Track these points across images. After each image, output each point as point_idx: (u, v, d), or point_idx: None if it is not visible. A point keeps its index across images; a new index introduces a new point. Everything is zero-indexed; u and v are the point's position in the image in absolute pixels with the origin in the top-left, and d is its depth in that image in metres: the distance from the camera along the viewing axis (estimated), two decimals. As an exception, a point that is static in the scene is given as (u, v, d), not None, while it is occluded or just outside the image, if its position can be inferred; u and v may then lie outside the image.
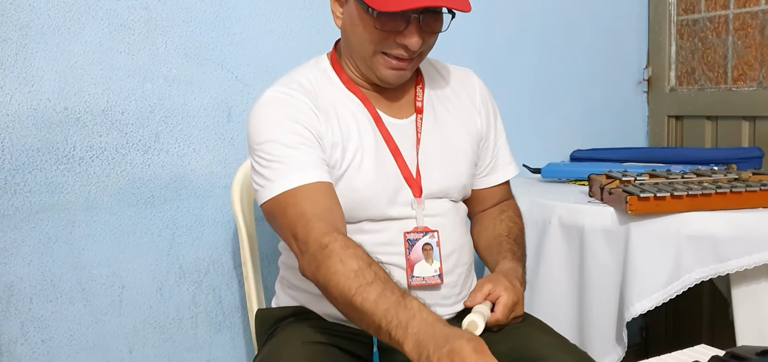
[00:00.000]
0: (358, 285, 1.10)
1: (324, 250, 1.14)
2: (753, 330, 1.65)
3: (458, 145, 1.40)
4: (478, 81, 1.48)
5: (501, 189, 1.52)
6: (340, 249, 1.13)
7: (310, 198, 1.21)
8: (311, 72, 1.35)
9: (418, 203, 1.33)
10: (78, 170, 1.62)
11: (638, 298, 1.65)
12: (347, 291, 1.10)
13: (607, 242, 1.71)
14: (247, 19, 1.80)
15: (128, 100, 1.67)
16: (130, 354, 1.72)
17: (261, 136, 1.26)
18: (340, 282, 1.11)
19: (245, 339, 1.87)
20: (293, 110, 1.27)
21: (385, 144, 1.32)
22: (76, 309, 1.64)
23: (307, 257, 1.17)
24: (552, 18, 2.38)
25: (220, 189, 1.80)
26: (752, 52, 2.32)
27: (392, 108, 1.36)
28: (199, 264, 1.79)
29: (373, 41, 1.26)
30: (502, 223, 1.47)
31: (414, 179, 1.33)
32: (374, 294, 1.09)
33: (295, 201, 1.20)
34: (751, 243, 1.57)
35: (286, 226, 1.21)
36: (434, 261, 1.33)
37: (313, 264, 1.15)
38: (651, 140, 2.62)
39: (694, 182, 1.70)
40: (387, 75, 1.29)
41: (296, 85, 1.31)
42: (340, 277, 1.11)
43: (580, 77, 2.46)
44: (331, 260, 1.13)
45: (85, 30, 1.60)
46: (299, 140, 1.24)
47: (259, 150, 1.26)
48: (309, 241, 1.16)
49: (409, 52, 1.26)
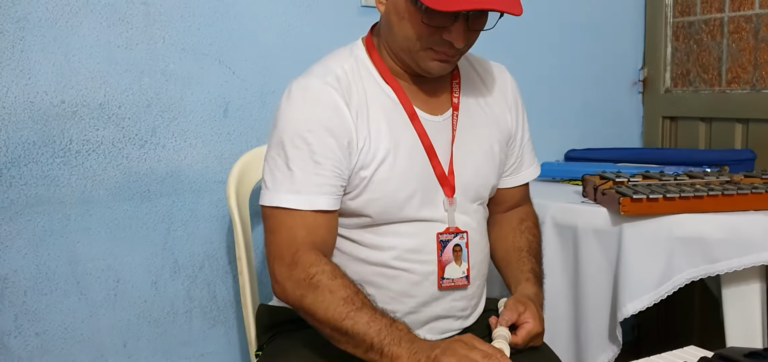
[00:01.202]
0: (347, 311, 1.15)
1: (311, 281, 1.17)
2: (742, 330, 1.66)
3: (490, 144, 1.38)
4: (511, 78, 1.46)
5: (521, 190, 1.51)
6: (328, 280, 1.17)
7: (306, 226, 1.21)
8: (347, 61, 1.30)
9: (451, 203, 1.31)
10: (74, 164, 1.62)
11: (631, 299, 1.66)
12: (337, 317, 1.15)
13: (600, 242, 1.73)
14: (245, 15, 1.81)
15: (125, 94, 1.67)
16: (124, 348, 1.72)
17: (285, 132, 1.23)
18: (328, 310, 1.16)
19: (239, 334, 1.88)
20: (325, 113, 1.23)
21: (419, 141, 1.29)
22: (70, 303, 1.65)
23: (291, 283, 1.20)
24: (549, 18, 2.39)
25: (216, 185, 1.80)
26: (746, 55, 2.34)
27: (429, 104, 1.33)
28: (194, 258, 1.80)
29: (420, 37, 1.22)
30: (523, 236, 1.45)
31: (446, 178, 1.31)
32: (366, 317, 1.14)
33: (291, 223, 1.21)
34: (741, 245, 1.58)
35: (274, 243, 1.23)
36: (463, 262, 1.32)
37: (298, 291, 1.19)
38: (645, 140, 2.64)
39: (686, 184, 1.71)
40: (431, 66, 1.26)
41: (333, 77, 1.26)
42: (329, 305, 1.16)
43: (576, 77, 2.47)
44: (319, 291, 1.17)
45: (82, 24, 1.60)
46: (321, 153, 1.22)
47: (276, 146, 1.24)
48: (296, 269, 1.19)
49: (454, 50, 1.24)
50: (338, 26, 1.95)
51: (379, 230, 1.28)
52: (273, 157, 1.25)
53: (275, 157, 1.24)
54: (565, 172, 2.18)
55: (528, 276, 1.39)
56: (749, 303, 1.66)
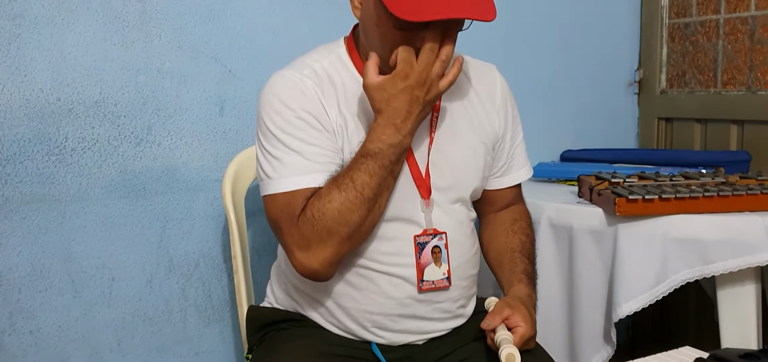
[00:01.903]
0: (344, 179, 1.19)
1: (305, 213, 1.19)
2: (737, 331, 1.67)
3: (472, 146, 1.37)
4: (500, 79, 1.44)
5: (513, 191, 1.49)
6: (315, 200, 1.19)
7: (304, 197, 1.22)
8: (325, 58, 1.32)
9: (427, 205, 1.31)
10: (69, 161, 1.62)
11: (626, 299, 1.66)
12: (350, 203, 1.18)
13: (596, 242, 1.73)
14: (241, 13, 1.81)
15: (121, 92, 1.67)
16: (118, 346, 1.72)
17: (269, 123, 1.25)
18: (338, 207, 1.18)
19: (234, 332, 1.88)
20: (305, 100, 1.26)
21: None
22: (65, 301, 1.64)
23: (297, 236, 1.20)
24: (545, 19, 2.39)
25: (212, 183, 1.80)
26: (742, 57, 2.34)
27: None
28: (189, 257, 1.80)
29: (395, 44, 1.21)
30: (515, 236, 1.44)
31: (422, 179, 1.30)
32: (364, 172, 1.19)
33: (289, 201, 1.22)
34: (736, 246, 1.59)
35: (274, 225, 1.25)
36: (443, 263, 1.31)
37: (306, 230, 1.19)
38: (641, 141, 2.64)
39: (682, 185, 1.72)
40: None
41: (309, 71, 1.29)
42: (335, 203, 1.18)
43: (572, 78, 2.48)
44: (317, 205, 1.18)
45: (78, 21, 1.60)
46: (304, 135, 1.24)
47: (264, 138, 1.26)
48: (297, 223, 1.20)
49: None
50: (333, 25, 1.94)
51: None
52: (261, 148, 1.27)
53: (262, 150, 1.26)
54: (560, 172, 2.18)
55: (520, 277, 1.37)
56: (744, 304, 1.66)
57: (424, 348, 1.35)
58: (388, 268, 1.28)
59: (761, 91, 2.28)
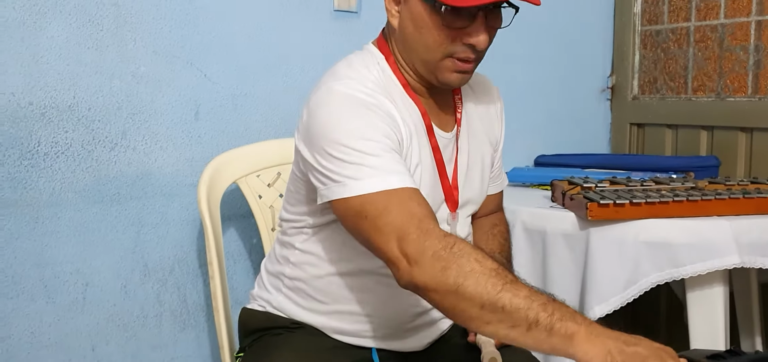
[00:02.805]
0: (503, 283, 1.00)
1: (452, 248, 1.03)
2: (706, 332, 1.70)
3: (484, 157, 1.40)
4: (496, 89, 1.48)
5: (498, 197, 1.54)
6: (471, 249, 1.03)
7: (415, 199, 1.09)
8: (373, 70, 1.25)
9: (453, 218, 1.32)
10: (43, 166, 1.61)
11: (598, 302, 1.69)
12: (492, 290, 0.99)
13: (569, 246, 1.76)
14: (217, 18, 1.81)
15: (95, 96, 1.66)
16: (92, 352, 1.70)
17: (344, 131, 1.13)
18: (480, 281, 1.00)
19: (210, 337, 1.87)
20: (377, 108, 1.17)
21: (433, 156, 1.28)
22: (37, 307, 1.63)
23: (428, 257, 1.03)
24: (519, 26, 2.40)
25: (187, 188, 1.79)
26: (711, 64, 2.39)
27: (441, 120, 1.31)
28: (164, 262, 1.79)
29: (442, 44, 1.18)
30: (495, 239, 1.48)
31: (451, 194, 1.32)
32: (524, 289, 1.00)
33: (400, 200, 1.08)
34: (705, 250, 1.62)
35: (389, 227, 1.07)
36: None
37: (438, 264, 1.02)
38: (614, 146, 2.68)
39: (652, 190, 1.75)
40: (452, 78, 1.22)
41: (372, 84, 1.21)
42: (480, 276, 1.00)
43: (546, 84, 2.51)
44: (465, 258, 1.02)
45: (51, 24, 1.59)
46: (390, 145, 1.14)
47: (339, 146, 1.13)
48: (428, 241, 1.04)
49: (475, 52, 1.20)
50: (311, 30, 1.95)
51: None
52: (334, 156, 1.13)
53: (338, 155, 1.13)
54: (534, 177, 2.21)
55: None
56: (712, 307, 1.69)
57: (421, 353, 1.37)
58: None
59: (730, 97, 2.33)
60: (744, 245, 1.62)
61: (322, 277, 1.30)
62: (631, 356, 0.92)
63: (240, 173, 1.72)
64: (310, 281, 1.32)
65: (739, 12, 2.30)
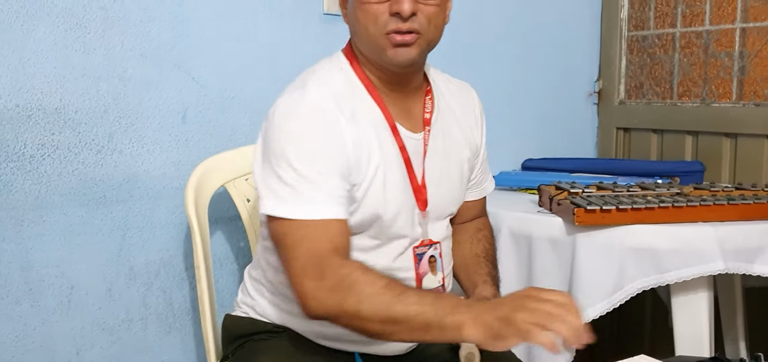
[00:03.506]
0: (393, 295, 1.08)
1: (344, 281, 1.12)
2: (690, 338, 1.71)
3: (460, 160, 1.41)
4: (476, 95, 1.50)
5: (481, 202, 1.55)
6: (362, 274, 1.12)
7: (327, 235, 1.16)
8: (337, 76, 1.29)
9: (424, 217, 1.34)
10: (28, 168, 1.60)
11: (583, 307, 1.70)
12: (385, 305, 1.08)
13: (555, 251, 1.76)
14: (205, 21, 1.80)
15: (82, 98, 1.65)
16: (77, 356, 1.69)
17: (289, 147, 1.19)
18: (373, 301, 1.09)
19: (196, 341, 1.86)
20: (327, 125, 1.21)
21: (401, 156, 1.30)
22: (22, 310, 1.61)
23: (325, 292, 1.12)
24: (507, 31, 2.43)
25: (173, 191, 1.79)
26: (697, 70, 2.41)
27: (408, 120, 1.33)
28: (149, 265, 1.78)
29: (375, 22, 1.21)
30: (479, 243, 1.49)
31: (421, 192, 1.33)
32: (413, 296, 1.08)
33: (311, 236, 1.16)
34: (690, 255, 1.63)
35: (297, 259, 1.16)
36: (438, 271, 1.36)
37: (336, 297, 1.11)
38: (600, 151, 2.70)
39: (638, 195, 1.76)
40: (394, 55, 1.24)
41: (331, 91, 1.25)
42: (373, 297, 1.09)
43: (533, 88, 2.52)
44: (357, 286, 1.10)
45: (38, 27, 1.58)
46: (330, 166, 1.19)
47: (282, 162, 1.19)
48: (325, 277, 1.13)
49: (405, 22, 1.20)
50: (300, 33, 1.95)
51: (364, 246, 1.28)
52: (276, 170, 1.19)
53: (279, 171, 1.19)
54: (521, 181, 2.22)
55: (485, 279, 1.42)
56: (697, 313, 1.71)
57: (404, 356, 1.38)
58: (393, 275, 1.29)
59: (714, 103, 2.35)
60: (728, 251, 1.64)
61: None
62: (502, 320, 1.01)
63: (228, 176, 1.72)
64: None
65: (724, 19, 2.32)
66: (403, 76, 1.31)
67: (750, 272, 1.67)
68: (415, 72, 1.33)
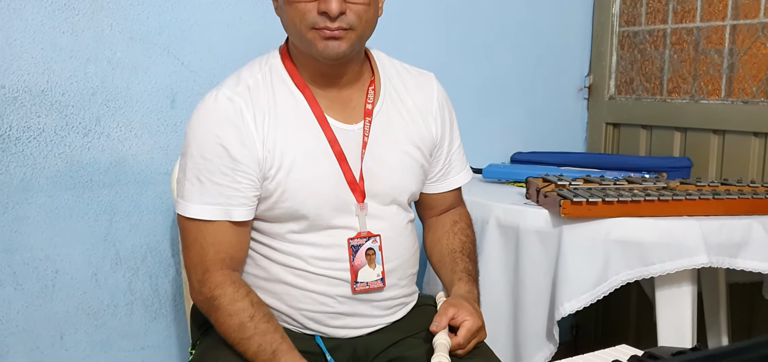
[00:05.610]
0: (239, 338, 1.24)
1: (213, 303, 1.25)
2: (674, 330, 1.72)
3: (408, 151, 1.39)
4: (437, 86, 1.45)
5: (452, 195, 1.52)
6: (227, 304, 1.25)
7: (216, 241, 1.26)
8: (260, 71, 1.32)
9: (361, 208, 1.33)
10: (14, 150, 1.59)
11: (568, 298, 1.70)
12: (233, 340, 1.25)
13: (541, 243, 1.77)
14: (195, 6, 1.79)
15: (69, 81, 1.64)
16: (61, 340, 1.69)
17: (196, 144, 1.26)
18: (226, 332, 1.26)
19: (181, 327, 1.86)
20: (234, 124, 1.25)
21: (330, 148, 1.30)
22: (6, 293, 1.61)
23: (199, 299, 1.29)
24: (499, 24, 2.43)
25: (161, 176, 1.78)
26: (686, 66, 2.42)
27: (343, 113, 1.33)
28: (136, 250, 1.78)
29: (302, 19, 1.23)
30: (456, 237, 1.48)
31: (356, 184, 1.32)
32: (253, 346, 1.23)
33: (201, 239, 1.26)
34: (674, 249, 1.64)
35: (188, 257, 1.29)
36: (377, 265, 1.34)
37: (205, 307, 1.28)
38: (589, 145, 2.70)
39: (625, 189, 1.76)
40: (322, 47, 1.24)
41: (244, 87, 1.29)
42: (227, 329, 1.25)
43: (523, 82, 2.52)
44: (220, 313, 1.25)
45: (25, 7, 1.57)
46: (232, 166, 1.25)
47: (189, 157, 1.27)
48: (202, 289, 1.27)
49: (332, 20, 1.22)
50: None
51: (293, 238, 1.31)
52: (186, 167, 1.27)
53: (188, 168, 1.27)
54: (509, 173, 2.22)
55: (461, 276, 1.42)
56: (681, 305, 1.72)
57: (367, 338, 1.38)
58: (324, 271, 1.32)
59: (703, 99, 2.36)
60: (712, 245, 1.64)
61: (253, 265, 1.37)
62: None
63: (215, 162, 1.71)
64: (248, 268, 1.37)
65: (714, 16, 2.33)
66: (337, 67, 1.31)
67: (733, 266, 1.68)
68: (349, 63, 1.32)
